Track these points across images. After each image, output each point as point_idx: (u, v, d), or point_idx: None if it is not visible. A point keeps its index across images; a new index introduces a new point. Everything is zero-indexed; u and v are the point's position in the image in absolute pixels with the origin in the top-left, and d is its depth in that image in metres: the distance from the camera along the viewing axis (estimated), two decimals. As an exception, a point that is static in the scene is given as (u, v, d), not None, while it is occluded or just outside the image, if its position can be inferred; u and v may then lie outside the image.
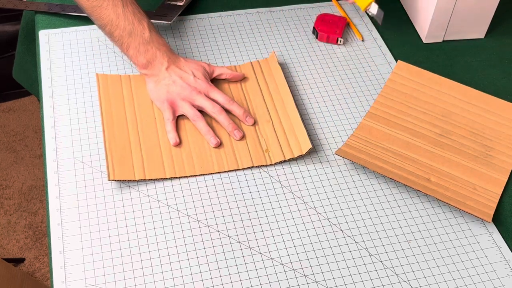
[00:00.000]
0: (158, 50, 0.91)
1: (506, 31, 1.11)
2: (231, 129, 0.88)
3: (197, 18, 1.09)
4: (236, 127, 0.88)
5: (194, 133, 0.89)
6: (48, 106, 0.92)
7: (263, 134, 0.89)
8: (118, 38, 0.90)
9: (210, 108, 0.89)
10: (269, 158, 0.86)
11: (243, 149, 0.87)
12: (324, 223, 0.80)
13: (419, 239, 0.79)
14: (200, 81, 0.91)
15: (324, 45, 1.06)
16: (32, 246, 1.66)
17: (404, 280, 0.75)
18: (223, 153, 0.86)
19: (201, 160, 0.85)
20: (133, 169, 0.83)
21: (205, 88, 0.91)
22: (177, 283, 0.73)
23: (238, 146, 0.87)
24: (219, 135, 0.88)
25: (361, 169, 0.87)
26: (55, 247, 0.75)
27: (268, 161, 0.86)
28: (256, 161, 0.85)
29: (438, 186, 0.83)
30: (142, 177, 0.82)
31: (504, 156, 0.88)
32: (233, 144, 0.88)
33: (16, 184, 1.80)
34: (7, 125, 1.96)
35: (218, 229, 0.78)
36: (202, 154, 0.86)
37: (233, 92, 0.95)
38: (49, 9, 1.06)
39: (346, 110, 0.95)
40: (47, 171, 0.83)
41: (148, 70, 0.91)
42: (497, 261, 0.77)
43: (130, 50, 0.90)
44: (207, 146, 0.87)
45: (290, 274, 0.75)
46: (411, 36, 1.09)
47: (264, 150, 0.87)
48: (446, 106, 0.94)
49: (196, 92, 0.90)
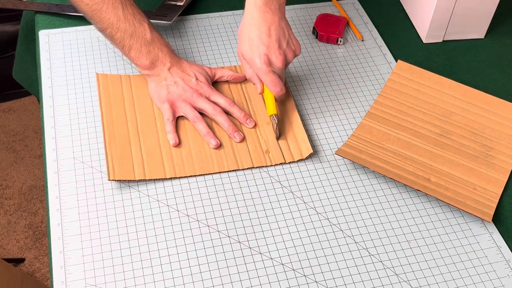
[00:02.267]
0: (160, 51, 0.91)
1: (506, 31, 1.11)
2: (231, 132, 0.88)
3: (197, 18, 1.09)
4: (237, 129, 0.88)
5: (194, 133, 0.89)
6: (48, 106, 0.92)
7: (263, 135, 0.89)
8: (119, 40, 0.89)
9: (210, 110, 0.89)
10: (269, 159, 0.86)
11: (243, 150, 0.87)
12: (324, 223, 0.80)
13: (419, 239, 0.79)
14: (202, 84, 0.91)
15: (324, 45, 1.06)
16: (32, 246, 1.66)
17: (404, 280, 0.75)
18: (223, 154, 0.86)
19: (201, 160, 0.85)
20: (133, 169, 0.83)
21: (207, 91, 0.91)
22: (177, 283, 0.73)
23: (238, 147, 0.87)
24: (219, 136, 0.88)
25: (361, 169, 0.87)
26: (55, 247, 0.75)
27: (268, 162, 0.86)
28: (256, 162, 0.85)
29: (438, 186, 0.83)
30: (142, 177, 0.82)
31: (504, 156, 0.88)
32: (233, 145, 0.88)
33: (16, 184, 1.80)
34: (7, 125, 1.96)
35: (218, 229, 0.78)
36: (202, 155, 0.86)
37: (234, 93, 0.95)
38: (49, 9, 1.06)
39: (346, 110, 0.95)
40: (47, 171, 0.83)
41: (151, 70, 0.91)
42: (497, 261, 0.77)
43: (132, 52, 0.90)
44: (207, 147, 0.87)
45: (290, 274, 0.75)
46: (411, 36, 1.09)
47: (264, 151, 0.87)
48: (446, 106, 0.94)
49: (197, 94, 0.90)
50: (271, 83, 0.88)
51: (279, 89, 0.88)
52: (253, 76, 0.90)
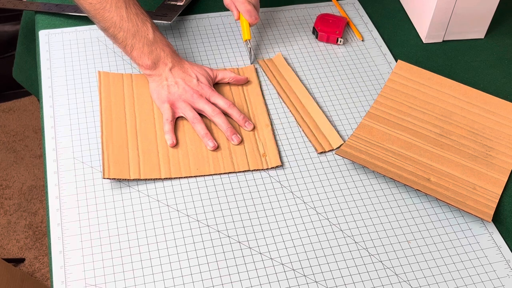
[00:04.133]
0: (163, 51, 0.91)
1: (506, 31, 1.11)
2: (229, 134, 0.88)
3: (197, 18, 1.09)
4: (235, 132, 0.88)
5: (192, 135, 0.89)
6: (48, 106, 0.92)
7: (261, 138, 0.89)
8: (122, 40, 0.89)
9: (210, 111, 0.89)
10: (266, 163, 0.86)
11: (240, 152, 0.87)
12: (324, 223, 0.80)
13: (419, 239, 0.79)
14: (203, 85, 0.91)
15: (324, 45, 1.06)
16: (32, 246, 1.66)
17: (404, 280, 0.75)
18: (219, 156, 0.86)
19: (197, 161, 0.85)
20: (129, 168, 0.83)
21: (207, 92, 0.91)
22: (177, 283, 0.73)
23: (235, 149, 0.87)
24: (217, 137, 0.88)
25: (361, 169, 0.87)
26: (55, 247, 0.75)
27: (265, 166, 0.86)
28: (252, 165, 0.85)
29: (438, 186, 0.83)
30: (137, 176, 0.82)
31: (504, 156, 0.88)
32: (230, 147, 0.87)
33: (16, 184, 1.80)
34: (7, 125, 1.96)
35: (218, 229, 0.78)
36: (198, 156, 0.86)
37: (234, 95, 0.95)
38: (49, 9, 1.06)
39: (346, 110, 0.95)
40: (47, 171, 0.83)
41: (152, 71, 0.91)
42: (497, 261, 0.77)
43: (134, 51, 0.90)
44: (204, 148, 0.87)
45: (290, 274, 0.75)
46: (411, 36, 1.09)
47: (261, 155, 0.87)
48: (446, 106, 0.94)
49: (198, 95, 0.90)
50: (247, 13, 0.97)
51: (254, 18, 0.98)
52: (230, 4, 1.00)
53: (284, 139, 0.90)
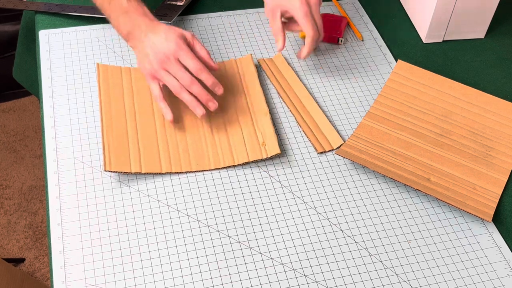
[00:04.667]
0: (136, 20, 0.88)
1: (506, 31, 1.11)
2: (205, 100, 0.85)
3: (197, 18, 1.09)
4: (211, 98, 0.86)
5: (191, 129, 0.89)
6: (48, 106, 0.92)
7: (260, 127, 0.89)
8: (99, 6, 0.90)
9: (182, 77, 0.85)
10: (265, 152, 0.86)
11: (239, 143, 0.87)
12: (324, 223, 0.80)
13: (419, 239, 0.79)
14: (170, 44, 0.85)
15: (324, 45, 1.06)
16: (32, 246, 1.66)
17: (404, 280, 0.75)
18: (219, 150, 0.86)
19: (198, 156, 0.85)
20: (130, 161, 0.83)
21: (174, 51, 0.85)
22: (177, 283, 0.73)
23: (234, 141, 0.87)
24: (214, 130, 0.88)
25: (361, 169, 0.87)
26: (55, 247, 0.75)
27: (264, 155, 0.85)
28: (252, 155, 0.85)
29: (438, 186, 0.83)
30: (138, 170, 0.82)
31: (504, 156, 0.88)
32: (229, 139, 0.87)
33: (16, 184, 1.80)
34: (7, 125, 1.96)
35: (218, 229, 0.78)
36: (198, 151, 0.86)
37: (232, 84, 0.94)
38: (49, 9, 1.06)
39: (346, 110, 0.95)
40: (47, 171, 0.83)
41: (130, 41, 0.90)
42: (497, 261, 0.77)
43: (112, 20, 0.90)
44: (204, 143, 0.87)
45: (290, 274, 0.75)
46: (411, 36, 1.09)
47: (261, 144, 0.87)
48: (446, 106, 0.94)
49: (166, 58, 0.85)
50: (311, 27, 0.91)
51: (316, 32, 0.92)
52: (278, 31, 0.93)
53: (284, 139, 0.90)
